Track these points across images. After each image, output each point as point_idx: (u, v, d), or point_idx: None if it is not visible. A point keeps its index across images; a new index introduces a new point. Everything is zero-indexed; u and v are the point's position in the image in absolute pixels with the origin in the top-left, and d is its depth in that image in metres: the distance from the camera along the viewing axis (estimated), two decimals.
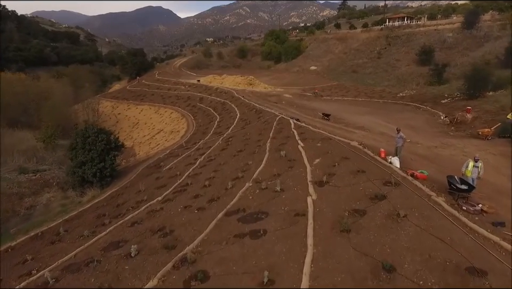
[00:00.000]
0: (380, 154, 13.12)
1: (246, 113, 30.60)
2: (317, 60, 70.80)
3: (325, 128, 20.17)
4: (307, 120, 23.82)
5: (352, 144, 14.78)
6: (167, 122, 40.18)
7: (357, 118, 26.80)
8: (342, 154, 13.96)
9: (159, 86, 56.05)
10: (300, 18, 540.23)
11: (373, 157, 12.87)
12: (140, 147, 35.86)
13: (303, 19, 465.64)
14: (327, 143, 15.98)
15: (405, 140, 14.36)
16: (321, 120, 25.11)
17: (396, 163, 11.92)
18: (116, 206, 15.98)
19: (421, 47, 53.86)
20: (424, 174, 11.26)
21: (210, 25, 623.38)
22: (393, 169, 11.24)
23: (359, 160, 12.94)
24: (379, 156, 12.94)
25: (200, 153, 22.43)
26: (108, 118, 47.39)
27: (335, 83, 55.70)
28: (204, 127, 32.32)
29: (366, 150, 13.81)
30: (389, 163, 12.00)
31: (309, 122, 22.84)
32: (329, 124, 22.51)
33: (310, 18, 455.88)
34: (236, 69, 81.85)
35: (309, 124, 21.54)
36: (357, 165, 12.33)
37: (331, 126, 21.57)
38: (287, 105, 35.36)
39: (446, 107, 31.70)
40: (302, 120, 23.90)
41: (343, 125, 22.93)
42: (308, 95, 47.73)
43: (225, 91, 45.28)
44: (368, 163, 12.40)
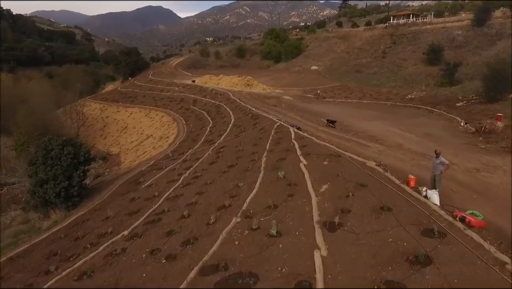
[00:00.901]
0: (408, 182, 10.04)
1: (241, 118, 27.54)
2: (318, 60, 67.68)
3: (331, 139, 17.11)
4: (309, 128, 20.76)
5: (369, 165, 11.71)
6: (157, 126, 37.14)
7: (366, 125, 23.73)
8: (357, 178, 10.89)
9: (151, 87, 53.01)
10: (300, 18, 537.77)
11: (398, 185, 9.79)
12: (127, 155, 32.84)
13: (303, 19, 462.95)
14: (335, 161, 12.91)
15: (447, 167, 10.81)
16: (326, 127, 22.03)
17: (435, 199, 8.84)
18: (74, 239, 12.93)
19: (429, 45, 50.73)
20: (479, 219, 8.08)
21: (210, 25, 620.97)
22: (431, 208, 8.17)
23: (380, 189, 9.87)
24: (407, 185, 9.87)
25: (186, 167, 19.40)
26: (95, 122, 44.36)
27: (338, 84, 52.61)
28: (195, 133, 29.27)
29: (388, 174, 10.74)
30: (423, 196, 8.92)
31: (311, 131, 19.80)
32: (335, 133, 19.45)
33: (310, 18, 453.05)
34: (234, 68, 78.74)
35: (311, 134, 18.49)
36: (379, 197, 9.26)
37: (338, 135, 18.52)
38: (287, 109, 32.31)
39: (462, 111, 28.60)
40: (304, 128, 20.85)
41: (351, 134, 19.85)
42: (309, 97, 44.66)
43: (220, 93, 42.24)
44: (394, 195, 9.32)
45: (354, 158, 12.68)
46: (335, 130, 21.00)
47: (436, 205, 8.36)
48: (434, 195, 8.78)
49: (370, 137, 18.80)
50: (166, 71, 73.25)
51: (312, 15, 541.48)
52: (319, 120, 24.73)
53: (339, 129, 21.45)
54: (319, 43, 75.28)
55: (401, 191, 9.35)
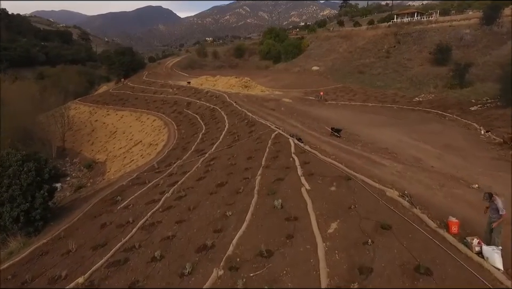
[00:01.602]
0: (448, 227, 7.50)
1: (236, 124, 25.08)
2: (319, 60, 65.12)
3: (338, 153, 14.62)
4: (311, 139, 18.27)
5: (389, 195, 9.23)
6: (147, 131, 34.67)
7: (374, 133, 21.25)
8: (376, 214, 8.42)
9: (144, 89, 50.48)
10: (300, 17, 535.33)
11: (434, 231, 7.29)
12: (113, 163, 30.37)
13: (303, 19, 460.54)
14: (345, 186, 10.44)
15: (501, 218, 7.20)
16: (330, 136, 19.53)
17: (496, 260, 6.24)
18: (22, 283, 10.44)
19: (436, 45, 48.23)
20: None
21: (210, 24, 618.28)
22: (493, 275, 5.70)
23: (409, 234, 7.39)
24: (448, 231, 7.36)
25: (171, 183, 16.94)
26: (83, 126, 41.85)
27: (340, 85, 50.08)
28: (186, 141, 26.81)
29: (417, 210, 8.25)
30: (476, 254, 6.41)
31: (314, 142, 17.31)
32: (341, 145, 16.95)
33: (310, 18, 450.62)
34: (232, 69, 76.24)
35: (314, 146, 16.01)
36: (410, 248, 6.77)
37: (344, 149, 16.01)
38: (287, 113, 29.82)
39: (479, 117, 26.13)
40: (305, 137, 18.36)
41: (359, 145, 17.35)
42: (310, 99, 42.17)
43: (216, 95, 39.76)
44: (430, 246, 6.84)
45: (369, 183, 10.18)
46: (340, 140, 18.51)
47: (499, 271, 5.88)
48: (495, 256, 6.17)
49: (382, 150, 16.28)
50: (162, 71, 70.71)
51: (312, 15, 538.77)
52: (322, 128, 22.22)
53: (345, 139, 18.94)
54: (320, 43, 72.74)
55: (440, 241, 6.86)
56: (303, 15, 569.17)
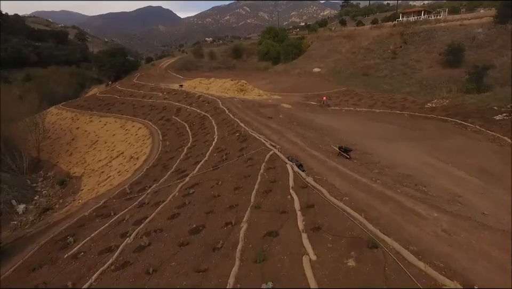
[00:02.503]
0: None
1: (226, 138, 21.54)
2: (320, 61, 61.52)
3: (352, 192, 11.06)
4: (315, 163, 14.69)
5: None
6: (130, 141, 31.15)
7: (390, 150, 17.70)
8: None
9: (132, 93, 46.88)
10: (300, 18, 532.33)
11: None
12: (89, 179, 26.86)
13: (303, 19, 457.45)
14: (370, 261, 6.91)
15: None
16: (338, 157, 15.92)
17: None
18: None
19: (447, 45, 44.75)
20: None
21: (210, 25, 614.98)
22: None
23: None
24: None
25: (138, 219, 13.45)
26: (63, 134, 38.25)
27: (344, 88, 46.57)
28: (169, 155, 23.29)
29: None
30: None
31: (318, 168, 13.78)
32: (355, 175, 13.25)
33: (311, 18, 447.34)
34: (229, 70, 72.77)
35: (319, 176, 12.46)
36: None
37: (360, 181, 12.28)
38: (285, 122, 26.29)
39: (507, 128, 22.55)
40: (307, 160, 14.82)
41: (376, 171, 13.75)
42: (312, 105, 38.67)
43: (208, 100, 36.26)
44: None
45: (409, 260, 6.63)
46: (351, 163, 14.90)
47: None
48: None
49: (407, 180, 12.70)
50: (155, 73, 67.10)
51: (313, 15, 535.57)
52: (328, 144, 18.62)
53: (356, 161, 15.31)
54: (322, 43, 69.14)
55: None
56: (303, 15, 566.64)
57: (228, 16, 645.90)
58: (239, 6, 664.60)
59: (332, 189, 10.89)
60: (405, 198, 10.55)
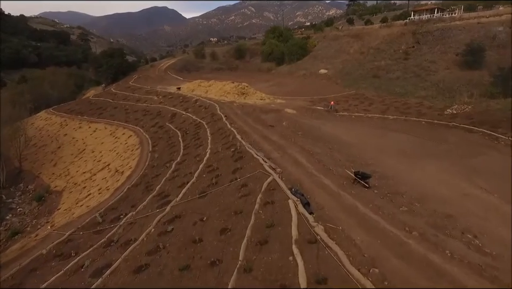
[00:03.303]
0: None
1: (220, 153, 18.54)
2: (327, 62, 58.24)
3: (382, 255, 7.97)
4: (325, 196, 11.60)
5: None
6: (119, 151, 28.35)
7: (416, 174, 14.51)
8: None
9: (127, 96, 44.09)
10: (305, 17, 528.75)
11: None
12: (70, 194, 24.10)
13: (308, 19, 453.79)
14: None
15: None
16: (354, 185, 12.76)
17: None
18: None
19: (465, 45, 41.31)
20: None
21: (216, 25, 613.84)
22: None
23: None
24: None
25: (96, 270, 10.51)
26: (49, 142, 35.56)
27: (353, 92, 43.31)
28: (155, 172, 20.38)
29: None
30: None
31: (330, 205, 10.68)
32: (378, 214, 10.15)
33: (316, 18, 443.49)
34: (232, 71, 69.83)
35: (331, 219, 9.36)
36: None
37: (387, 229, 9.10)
38: (289, 133, 23.19)
39: None
40: (315, 190, 11.73)
41: (405, 208, 10.56)
42: (319, 110, 35.47)
43: (206, 105, 33.38)
44: None
45: None
46: (371, 194, 11.76)
47: None
48: None
49: (449, 223, 9.50)
50: (154, 74, 64.32)
51: (318, 14, 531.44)
52: (339, 165, 15.46)
53: (377, 191, 12.06)
54: (328, 43, 65.84)
55: None
56: (308, 15, 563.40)
57: (233, 16, 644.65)
58: (244, 6, 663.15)
59: (351, 249, 7.84)
60: (458, 266, 7.41)
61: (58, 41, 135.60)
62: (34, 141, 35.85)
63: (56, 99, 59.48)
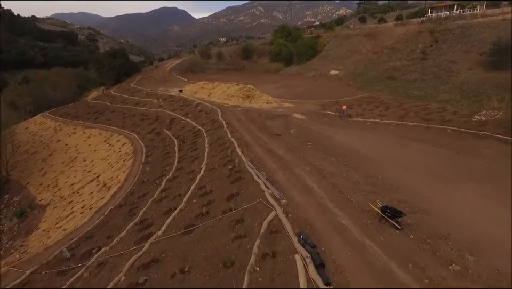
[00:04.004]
0: None
1: (215, 171, 15.89)
2: (338, 62, 55.10)
3: None
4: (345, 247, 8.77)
5: None
6: (111, 161, 25.97)
7: (458, 206, 11.56)
8: None
9: (126, 99, 41.83)
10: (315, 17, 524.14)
11: None
12: (53, 211, 21.80)
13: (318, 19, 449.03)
14: None
15: None
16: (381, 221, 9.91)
17: None
18: None
19: (491, 43, 37.80)
20: None
21: (224, 25, 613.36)
22: None
23: None
24: None
25: None
26: (41, 148, 33.42)
27: (366, 94, 40.16)
28: (143, 189, 17.85)
29: None
30: None
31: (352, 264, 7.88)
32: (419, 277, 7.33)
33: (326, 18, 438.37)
34: (238, 72, 67.21)
35: None
36: None
37: None
38: (297, 144, 20.43)
39: None
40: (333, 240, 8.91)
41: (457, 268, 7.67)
42: (329, 115, 32.56)
43: (207, 110, 30.82)
44: None
45: None
46: (406, 241, 8.85)
47: None
48: None
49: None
50: (158, 76, 62.14)
51: (328, 14, 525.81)
52: (357, 190, 12.58)
53: (413, 236, 9.10)
54: (339, 42, 62.63)
55: None
56: (318, 14, 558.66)
57: (242, 17, 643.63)
58: (253, 6, 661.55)
59: None
60: None
61: (66, 41, 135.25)
62: (26, 147, 33.89)
63: (58, 101, 57.84)
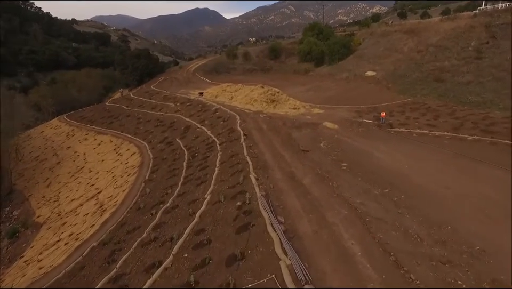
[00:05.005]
0: None
1: (220, 207, 12.23)
2: (375, 62, 49.63)
3: None
4: None
5: None
6: (116, 174, 23.23)
7: None
8: None
9: (142, 102, 39.38)
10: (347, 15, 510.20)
11: None
12: (45, 233, 19.20)
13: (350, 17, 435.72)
14: None
15: None
16: None
17: None
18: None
19: None
20: None
21: (255, 25, 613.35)
22: None
23: None
24: None
25: None
26: (51, 155, 31.53)
27: (409, 99, 34.85)
28: (135, 221, 14.56)
29: None
30: None
31: None
32: None
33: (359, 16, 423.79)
34: (265, 73, 63.39)
35: None
36: None
37: None
38: (328, 165, 16.34)
39: None
40: None
41: None
42: (366, 123, 27.90)
43: (226, 117, 27.35)
44: None
45: None
46: None
47: None
48: None
49: None
50: (181, 77, 59.81)
51: (361, 12, 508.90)
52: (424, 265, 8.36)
53: None
54: (376, 40, 56.91)
55: None
56: (350, 13, 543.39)
57: (273, 16, 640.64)
58: (284, 5, 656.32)
59: None
60: None
61: (99, 42, 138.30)
62: (37, 152, 32.34)
63: (83, 102, 57.19)
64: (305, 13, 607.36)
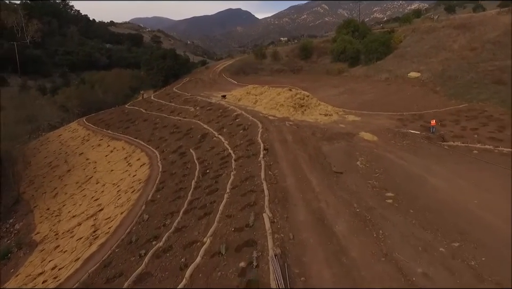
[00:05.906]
0: None
1: (220, 262, 8.88)
2: (420, 62, 44.03)
3: None
4: None
5: None
6: (121, 188, 20.82)
7: None
8: None
9: (162, 106, 37.01)
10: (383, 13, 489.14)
11: None
12: (38, 256, 17.00)
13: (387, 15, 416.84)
14: None
15: None
16: None
17: None
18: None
19: None
20: None
21: (287, 24, 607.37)
22: None
23: None
24: None
25: None
26: (62, 162, 29.91)
27: (464, 105, 29.65)
28: (120, 264, 11.64)
29: None
30: None
31: None
32: None
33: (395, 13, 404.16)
34: (294, 74, 59.62)
35: None
36: None
37: None
38: (368, 196, 12.68)
39: None
40: None
41: None
42: (412, 134, 23.52)
43: (246, 124, 24.19)
44: None
45: None
46: None
47: None
48: None
49: None
50: (207, 77, 57.51)
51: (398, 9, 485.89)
52: None
53: None
54: (420, 37, 51.02)
55: None
56: (386, 10, 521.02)
57: (305, 15, 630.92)
58: (317, 4, 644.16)
59: None
60: None
61: (131, 43, 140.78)
62: (51, 158, 31.01)
63: (110, 103, 56.67)
64: (339, 12, 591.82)
